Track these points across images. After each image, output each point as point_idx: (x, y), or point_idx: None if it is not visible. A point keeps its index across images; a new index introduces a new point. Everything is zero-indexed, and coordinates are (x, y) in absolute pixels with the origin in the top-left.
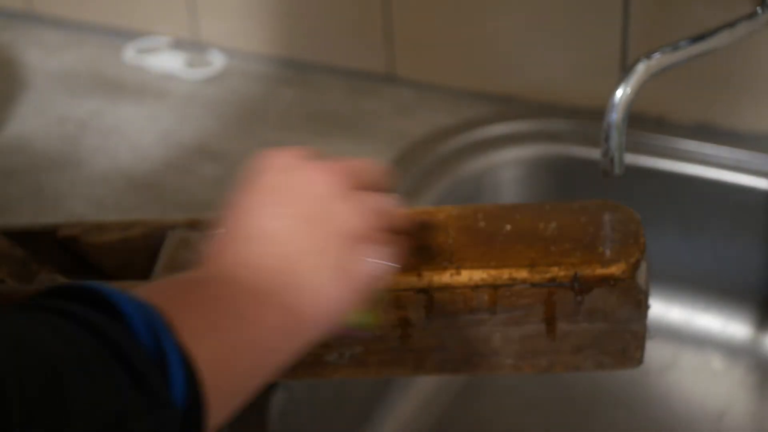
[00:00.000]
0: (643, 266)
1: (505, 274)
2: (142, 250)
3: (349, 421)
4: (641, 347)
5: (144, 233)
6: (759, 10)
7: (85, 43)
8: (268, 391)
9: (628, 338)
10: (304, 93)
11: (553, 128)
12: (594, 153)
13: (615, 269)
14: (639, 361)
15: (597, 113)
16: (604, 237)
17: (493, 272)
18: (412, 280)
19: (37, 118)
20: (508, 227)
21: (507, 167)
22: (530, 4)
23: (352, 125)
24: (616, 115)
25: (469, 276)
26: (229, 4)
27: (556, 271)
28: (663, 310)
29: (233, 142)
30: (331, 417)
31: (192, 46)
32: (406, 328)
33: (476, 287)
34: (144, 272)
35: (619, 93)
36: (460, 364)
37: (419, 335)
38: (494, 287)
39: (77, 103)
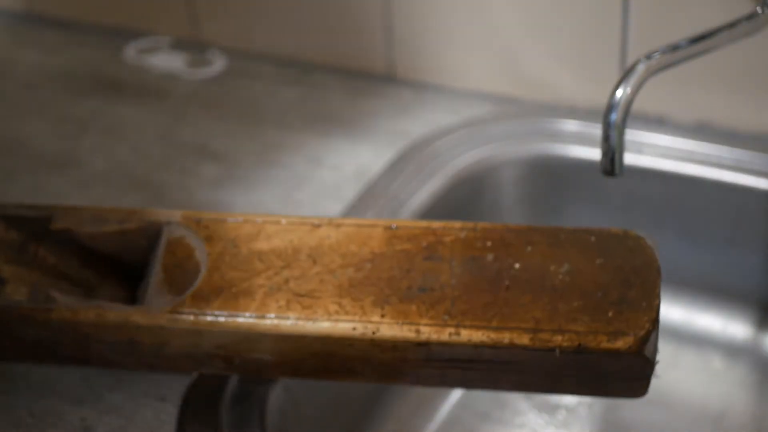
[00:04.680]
0: (653, 336)
1: (505, 338)
2: (137, 243)
3: (349, 421)
4: (646, 387)
5: (140, 227)
6: (759, 10)
7: (85, 43)
8: (268, 391)
9: (633, 387)
10: (304, 93)
11: (553, 128)
12: (594, 153)
13: (621, 344)
14: (643, 394)
15: (597, 113)
16: (616, 293)
17: (493, 335)
18: (410, 336)
19: (37, 118)
20: (517, 266)
21: (506, 167)
22: (530, 4)
23: (352, 125)
24: (616, 115)
25: (468, 337)
26: (229, 4)
27: (559, 341)
28: (663, 310)
29: (233, 142)
30: (331, 417)
31: (192, 46)
32: (404, 363)
33: (476, 347)
34: (137, 262)
35: (619, 93)
36: (461, 386)
37: (418, 368)
38: (494, 348)
39: (77, 103)
